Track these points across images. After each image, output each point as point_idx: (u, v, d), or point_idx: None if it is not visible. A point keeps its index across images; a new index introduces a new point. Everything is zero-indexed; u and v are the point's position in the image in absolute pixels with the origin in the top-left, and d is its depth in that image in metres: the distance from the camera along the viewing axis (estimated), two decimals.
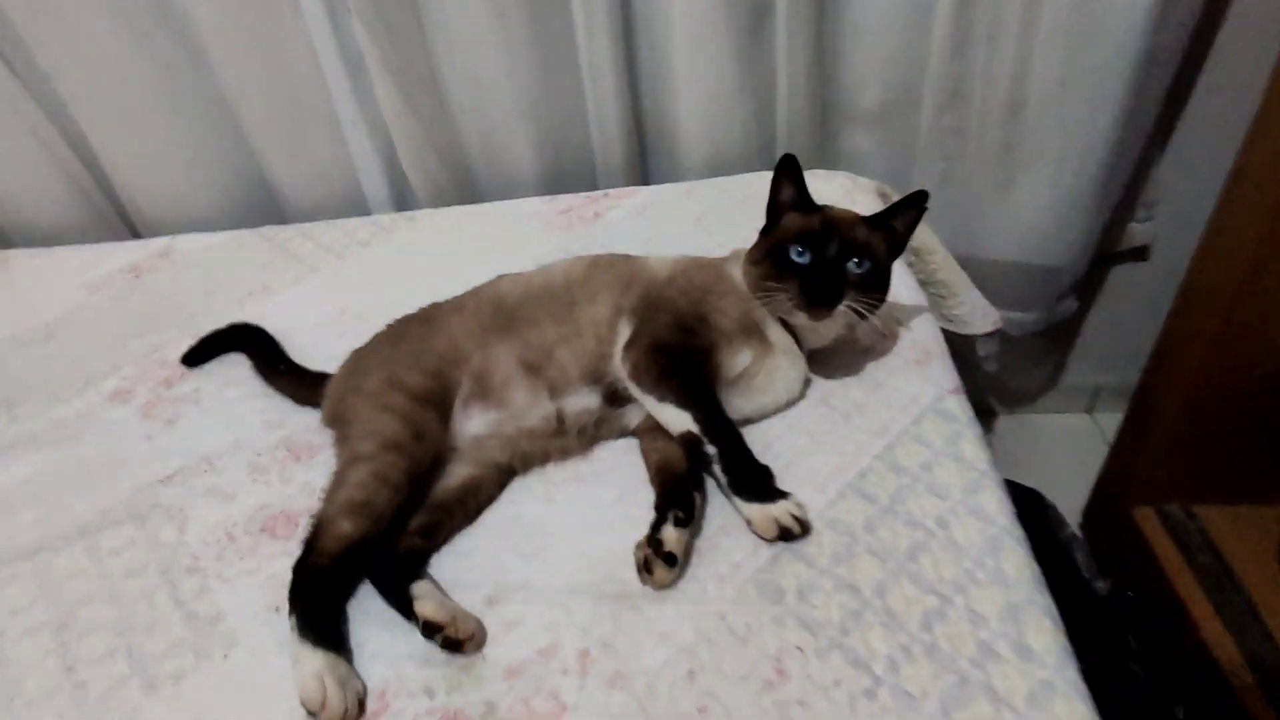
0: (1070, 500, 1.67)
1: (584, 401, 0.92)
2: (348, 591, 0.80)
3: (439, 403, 0.91)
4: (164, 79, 1.43)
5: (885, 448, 0.88)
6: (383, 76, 1.36)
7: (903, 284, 1.12)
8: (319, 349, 1.09)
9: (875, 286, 0.89)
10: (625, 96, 1.41)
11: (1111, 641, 1.38)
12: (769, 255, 0.90)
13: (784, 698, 0.67)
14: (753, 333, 0.93)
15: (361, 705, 0.71)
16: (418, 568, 0.81)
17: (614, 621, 0.75)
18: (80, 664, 0.78)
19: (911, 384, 0.96)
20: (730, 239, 1.21)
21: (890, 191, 1.34)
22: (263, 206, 1.59)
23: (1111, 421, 1.61)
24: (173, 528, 0.90)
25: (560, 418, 0.92)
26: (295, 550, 0.81)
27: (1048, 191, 1.43)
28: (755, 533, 0.80)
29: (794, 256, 0.87)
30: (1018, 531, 0.78)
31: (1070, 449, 1.84)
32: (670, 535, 0.77)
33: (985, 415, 1.97)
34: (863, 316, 0.88)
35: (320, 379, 1.02)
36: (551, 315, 0.96)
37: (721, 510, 0.84)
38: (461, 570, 0.82)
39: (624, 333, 0.93)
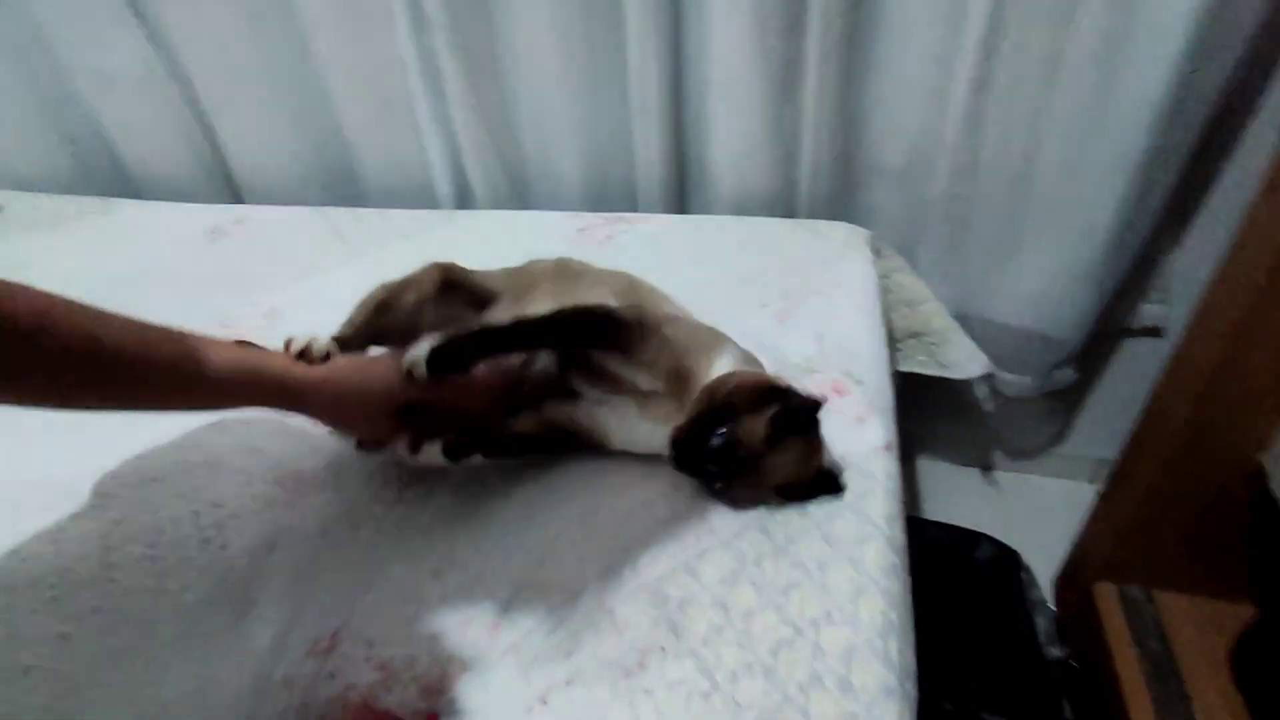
0: (1051, 566, 1.71)
1: None
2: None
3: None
4: (273, 65, 1.65)
5: None
6: (456, 88, 1.54)
7: (866, 341, 1.20)
8: None
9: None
10: (668, 130, 1.54)
11: (1047, 705, 1.44)
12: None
13: (636, 685, 0.80)
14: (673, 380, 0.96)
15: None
16: None
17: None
18: None
19: (846, 440, 1.04)
20: (722, 276, 1.34)
21: (883, 245, 1.42)
22: (345, 186, 1.80)
23: None
24: None
25: None
26: None
27: (1049, 266, 1.48)
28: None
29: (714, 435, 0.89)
30: (885, 583, 0.88)
31: (1065, 515, 1.86)
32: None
33: (985, 469, 2.02)
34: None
35: None
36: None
37: (639, 528, 0.95)
38: None
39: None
